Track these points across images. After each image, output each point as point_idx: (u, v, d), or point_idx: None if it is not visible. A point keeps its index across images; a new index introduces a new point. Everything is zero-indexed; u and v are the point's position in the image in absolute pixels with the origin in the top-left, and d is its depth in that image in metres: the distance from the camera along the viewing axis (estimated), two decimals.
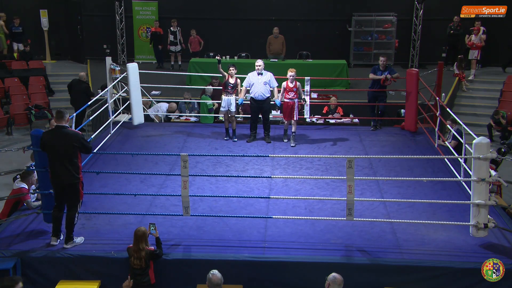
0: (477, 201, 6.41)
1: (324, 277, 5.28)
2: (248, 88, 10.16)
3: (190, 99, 12.28)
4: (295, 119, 9.98)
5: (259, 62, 10.13)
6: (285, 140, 10.28)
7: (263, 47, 16.08)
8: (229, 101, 10.02)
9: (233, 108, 10.05)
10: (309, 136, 10.66)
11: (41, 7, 17.93)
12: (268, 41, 15.95)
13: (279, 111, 11.87)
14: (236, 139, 10.30)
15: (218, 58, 10.19)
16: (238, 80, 10.07)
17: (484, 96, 15.65)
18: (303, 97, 10.28)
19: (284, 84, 9.96)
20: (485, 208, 6.40)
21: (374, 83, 10.99)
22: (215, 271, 5.45)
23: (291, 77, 9.83)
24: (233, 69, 9.95)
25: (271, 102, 10.38)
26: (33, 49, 17.18)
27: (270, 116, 10.62)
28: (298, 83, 9.98)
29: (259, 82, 10.01)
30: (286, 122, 10.20)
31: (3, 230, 6.95)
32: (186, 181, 6.59)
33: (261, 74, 10.04)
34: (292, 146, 10.05)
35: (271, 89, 10.16)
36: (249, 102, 10.44)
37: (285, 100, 9.95)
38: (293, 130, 10.08)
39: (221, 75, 10.26)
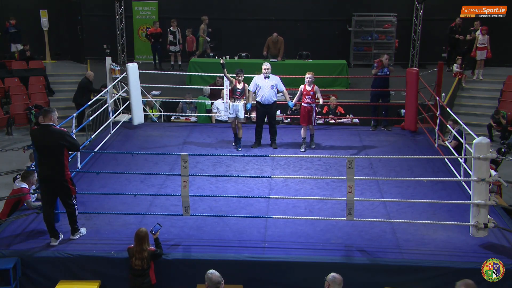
0: (477, 201, 6.41)
1: (324, 277, 5.28)
2: (255, 90, 9.78)
3: (191, 99, 12.30)
4: (313, 124, 9.71)
5: (267, 65, 9.70)
6: (301, 150, 9.79)
7: (263, 47, 16.07)
8: (236, 107, 9.53)
9: (241, 115, 9.56)
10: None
11: (41, 7, 17.95)
12: (267, 42, 15.93)
13: (283, 114, 11.73)
14: (240, 148, 9.81)
15: (222, 62, 9.61)
16: (246, 85, 9.63)
17: (484, 96, 15.66)
18: (321, 102, 9.84)
19: (301, 87, 9.62)
20: (485, 208, 6.39)
21: (376, 81, 10.97)
22: (213, 270, 5.41)
23: (309, 79, 9.47)
24: (241, 75, 9.46)
25: (276, 105, 10.18)
26: (33, 49, 17.17)
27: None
28: (316, 87, 9.55)
29: (266, 85, 9.64)
30: (303, 129, 9.79)
31: (3, 230, 6.94)
32: (186, 181, 6.59)
33: (268, 77, 9.67)
34: (312, 148, 9.94)
35: (280, 93, 9.89)
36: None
37: (303, 104, 9.60)
38: (311, 133, 9.90)
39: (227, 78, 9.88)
